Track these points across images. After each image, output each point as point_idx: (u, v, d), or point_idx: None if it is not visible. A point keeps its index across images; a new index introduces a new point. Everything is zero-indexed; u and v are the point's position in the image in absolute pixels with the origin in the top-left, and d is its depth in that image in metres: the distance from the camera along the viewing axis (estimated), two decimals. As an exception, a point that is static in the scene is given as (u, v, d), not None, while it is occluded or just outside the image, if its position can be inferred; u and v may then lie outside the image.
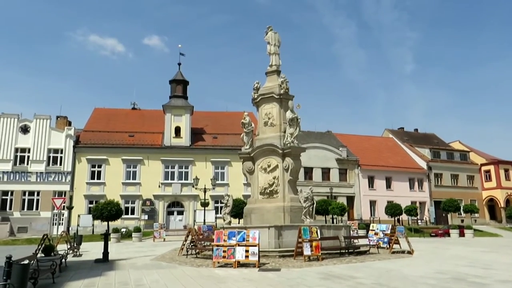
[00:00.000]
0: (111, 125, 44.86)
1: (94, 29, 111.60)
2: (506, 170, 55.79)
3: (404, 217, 44.21)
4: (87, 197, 40.10)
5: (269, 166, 18.41)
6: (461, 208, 45.90)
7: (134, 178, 41.73)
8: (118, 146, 41.77)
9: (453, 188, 53.58)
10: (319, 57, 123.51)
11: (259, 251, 12.94)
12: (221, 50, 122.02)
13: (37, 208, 39.25)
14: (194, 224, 35.20)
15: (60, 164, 40.45)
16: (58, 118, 45.47)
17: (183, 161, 42.89)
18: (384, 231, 18.85)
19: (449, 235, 36.07)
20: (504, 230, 44.79)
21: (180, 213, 42.44)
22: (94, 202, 38.19)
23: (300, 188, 18.63)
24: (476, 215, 51.23)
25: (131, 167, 41.88)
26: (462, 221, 49.21)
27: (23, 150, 40.31)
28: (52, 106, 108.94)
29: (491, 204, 55.67)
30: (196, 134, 44.83)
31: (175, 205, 42.56)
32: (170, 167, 42.72)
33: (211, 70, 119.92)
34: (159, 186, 41.73)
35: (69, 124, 45.42)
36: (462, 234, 35.87)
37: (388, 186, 50.56)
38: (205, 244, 17.76)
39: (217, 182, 38.91)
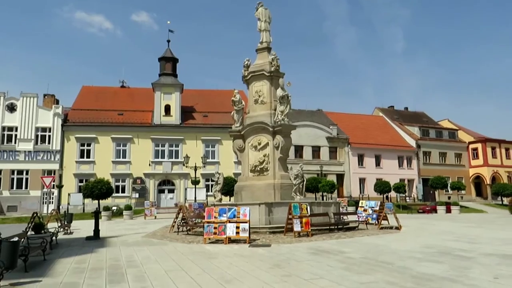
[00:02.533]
0: (99, 103, 44.30)
1: (80, 6, 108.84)
2: (493, 148, 56.65)
3: (392, 194, 44.95)
4: (77, 175, 39.93)
5: (259, 144, 18.42)
6: (448, 185, 46.74)
7: (124, 156, 41.57)
8: (107, 124, 41.39)
9: (441, 165, 54.39)
10: (310, 34, 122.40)
11: (249, 228, 13.07)
12: (211, 27, 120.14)
13: (26, 187, 39.02)
14: (185, 202, 35.36)
15: (49, 143, 40.04)
16: (46, 97, 44.73)
17: (174, 140, 42.71)
18: (373, 207, 19.16)
19: (436, 212, 36.84)
20: (489, 206, 45.91)
21: (171, 191, 42.54)
22: (84, 181, 38.03)
23: (290, 166, 18.72)
24: (463, 192, 52.16)
25: (121, 145, 41.65)
26: (449, 198, 50.17)
27: (10, 128, 39.75)
28: (39, 85, 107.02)
29: (478, 181, 56.74)
30: (186, 112, 44.55)
31: (166, 184, 42.60)
32: (160, 145, 42.57)
33: (201, 48, 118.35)
34: (149, 165, 41.68)
35: (57, 102, 44.76)
36: (448, 211, 36.64)
37: (378, 164, 51.08)
38: (196, 221, 17.89)
39: (207, 160, 38.91)
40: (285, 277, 7.31)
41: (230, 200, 33.05)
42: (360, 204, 20.60)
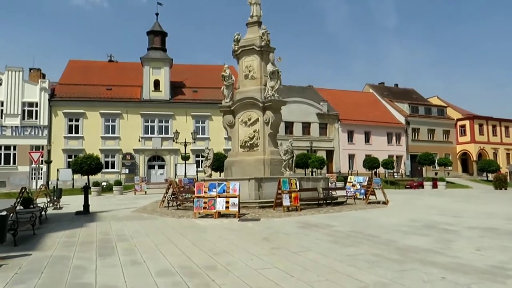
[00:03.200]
0: (87, 78, 43.51)
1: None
2: (481, 125, 57.36)
3: (381, 170, 45.53)
4: (65, 151, 39.61)
5: (249, 119, 18.41)
6: (436, 161, 47.47)
7: (113, 132, 41.20)
8: (96, 99, 40.83)
9: (429, 142, 55.03)
10: (301, 9, 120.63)
11: (239, 202, 13.20)
12: (201, 0, 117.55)
13: (14, 163, 38.66)
14: (175, 178, 35.42)
15: (36, 118, 39.46)
16: (31, 71, 43.76)
17: (163, 115, 42.44)
18: (361, 183, 19.43)
19: (423, 187, 37.52)
20: (474, 182, 46.89)
21: (161, 167, 42.55)
22: (73, 157, 37.76)
23: (280, 142, 18.81)
24: (450, 168, 53.09)
25: (110, 121, 41.23)
26: (436, 174, 51.01)
27: (-5, 103, 39.02)
28: (24, 59, 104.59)
29: (464, 158, 57.63)
30: (176, 87, 44.07)
31: (156, 159, 42.56)
32: (150, 121, 42.25)
33: (191, 22, 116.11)
34: (139, 140, 41.46)
35: (43, 76, 43.86)
36: (435, 186, 37.34)
37: (367, 140, 51.48)
38: (186, 196, 18.01)
39: (197, 136, 38.84)
40: (274, 250, 7.44)
41: (220, 176, 33.20)
42: (348, 180, 20.87)
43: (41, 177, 37.59)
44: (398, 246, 7.72)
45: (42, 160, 32.64)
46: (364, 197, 18.78)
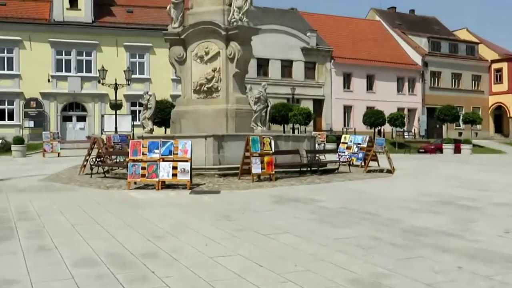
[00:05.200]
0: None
1: None
2: (523, 70, 58.42)
3: (387, 128, 46.37)
4: None
5: (207, 53, 18.28)
6: (461, 117, 48.68)
7: (10, 68, 40.26)
8: (-17, 19, 39.23)
9: (453, 91, 56.23)
10: None
11: (191, 168, 13.25)
12: None
13: None
14: (101, 134, 35.00)
15: None
16: None
17: (84, 45, 41.57)
18: (359, 144, 19.83)
19: (441, 151, 38.76)
20: (510, 146, 48.28)
21: (82, 118, 42.04)
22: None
23: (250, 86, 18.77)
24: (478, 126, 54.16)
25: (5, 51, 40.17)
26: (460, 134, 52.54)
27: None
28: None
29: (498, 113, 59.28)
30: (102, 5, 42.98)
31: (74, 108, 42.00)
32: (64, 53, 41.35)
33: None
34: (49, 81, 40.69)
35: None
36: (458, 150, 38.66)
37: (370, 87, 52.17)
38: (117, 159, 17.96)
39: (133, 76, 38.20)
40: (237, 232, 7.59)
41: (165, 132, 33.04)
42: (342, 140, 21.24)
43: None
44: (403, 227, 8.04)
45: None
46: (363, 164, 19.21)
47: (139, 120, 27.20)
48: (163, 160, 13.17)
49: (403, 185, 14.97)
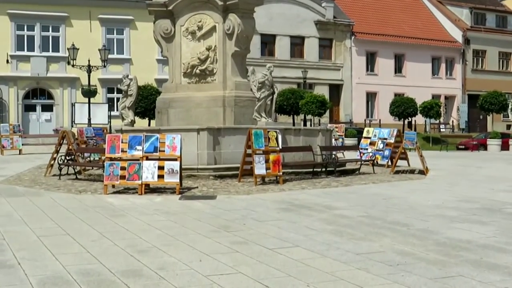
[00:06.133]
0: None
1: None
2: None
3: (419, 119, 46.34)
4: None
5: (200, 28, 18.32)
6: (509, 106, 48.46)
7: (-40, 46, 40.16)
8: None
9: (501, 74, 56.11)
10: None
11: (181, 169, 13.28)
12: None
13: None
14: (72, 127, 35.07)
15: None
16: None
17: (50, 18, 41.77)
18: (385, 139, 19.83)
19: (485, 148, 38.67)
20: None
21: (48, 108, 42.16)
22: None
23: (253, 68, 18.75)
24: (531, 118, 54.33)
25: (-45, 26, 40.06)
26: (509, 127, 52.41)
27: None
28: None
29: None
30: (72, -30, 42.86)
31: (38, 95, 42.22)
32: (26, 28, 41.57)
33: None
34: (8, 62, 40.93)
35: None
36: (506, 147, 38.63)
37: (398, 69, 52.12)
38: (91, 157, 17.96)
39: (110, 56, 38.21)
40: (237, 245, 7.61)
41: (149, 124, 33.10)
42: (365, 134, 21.22)
43: None
44: (439, 240, 8.05)
45: None
46: (389, 163, 19.20)
47: (117, 110, 27.30)
48: (147, 159, 13.19)
49: (438, 188, 14.93)
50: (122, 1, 42.19)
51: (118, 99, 35.06)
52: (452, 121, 52.93)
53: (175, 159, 13.13)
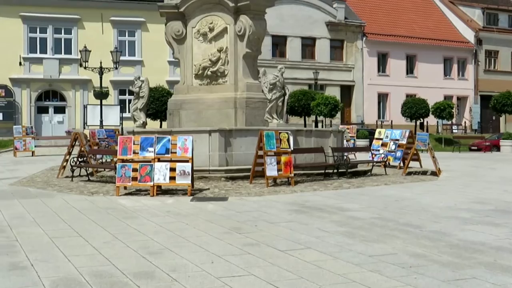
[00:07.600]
0: None
1: None
2: None
3: (431, 120, 46.17)
4: None
5: (211, 29, 18.33)
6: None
7: (-27, 48, 40.31)
8: None
9: (513, 74, 55.72)
10: None
11: (192, 170, 13.28)
12: None
13: None
14: (84, 129, 35.17)
15: None
16: None
17: (62, 20, 41.82)
18: (397, 140, 19.76)
19: (498, 149, 38.47)
20: None
21: (60, 110, 42.28)
22: None
23: (264, 69, 18.72)
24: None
25: (-33, 29, 40.24)
26: (522, 127, 52.11)
27: None
28: None
29: None
30: (84, -28, 43.01)
31: (51, 97, 42.35)
32: (38, 30, 41.59)
33: None
34: (20, 64, 40.91)
35: None
36: (519, 148, 38.27)
37: (410, 70, 51.93)
38: (103, 159, 18.01)
39: (122, 58, 38.29)
40: (249, 247, 7.61)
41: (161, 126, 33.15)
42: (376, 135, 21.15)
43: None
44: (452, 241, 8.02)
45: None
46: (402, 164, 19.12)
47: (129, 112, 27.37)
48: (159, 160, 13.22)
49: (451, 190, 14.85)
50: (133, 3, 42.32)
51: (130, 101, 35.20)
52: (465, 122, 52.69)
53: (187, 161, 13.15)
